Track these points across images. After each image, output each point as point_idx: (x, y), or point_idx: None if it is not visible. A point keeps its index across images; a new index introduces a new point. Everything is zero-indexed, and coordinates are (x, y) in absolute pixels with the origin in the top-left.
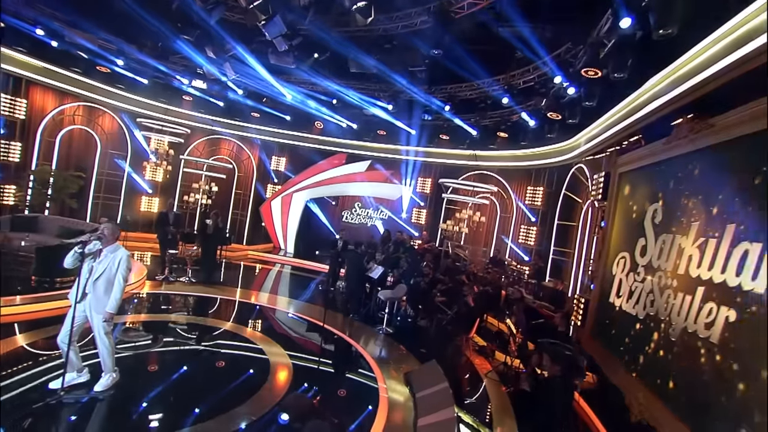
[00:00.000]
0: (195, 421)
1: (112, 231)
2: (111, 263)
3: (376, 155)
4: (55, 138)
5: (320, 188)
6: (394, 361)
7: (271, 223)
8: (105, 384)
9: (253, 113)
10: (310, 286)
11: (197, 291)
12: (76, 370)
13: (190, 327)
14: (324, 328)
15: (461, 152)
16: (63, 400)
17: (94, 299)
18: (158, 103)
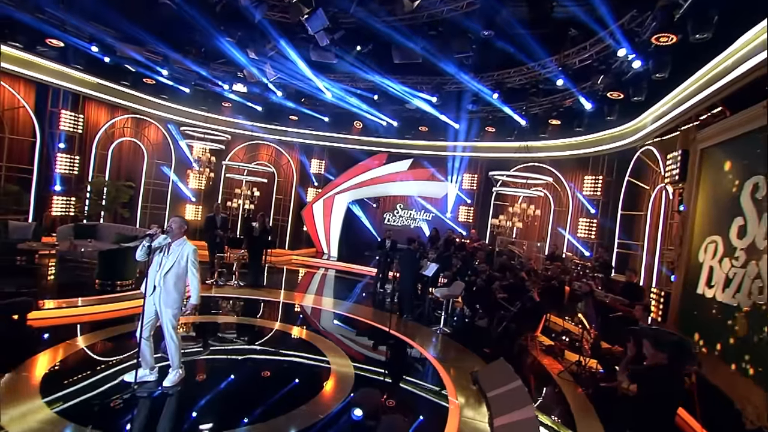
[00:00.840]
0: (259, 419)
1: (179, 225)
2: (179, 257)
3: (418, 153)
4: (108, 150)
5: (362, 189)
6: (457, 360)
7: (313, 227)
8: (172, 380)
9: (292, 116)
10: (359, 288)
11: (248, 294)
12: (148, 367)
13: (246, 329)
14: (379, 328)
15: (509, 144)
16: (136, 394)
17: (164, 293)
18: (200, 111)
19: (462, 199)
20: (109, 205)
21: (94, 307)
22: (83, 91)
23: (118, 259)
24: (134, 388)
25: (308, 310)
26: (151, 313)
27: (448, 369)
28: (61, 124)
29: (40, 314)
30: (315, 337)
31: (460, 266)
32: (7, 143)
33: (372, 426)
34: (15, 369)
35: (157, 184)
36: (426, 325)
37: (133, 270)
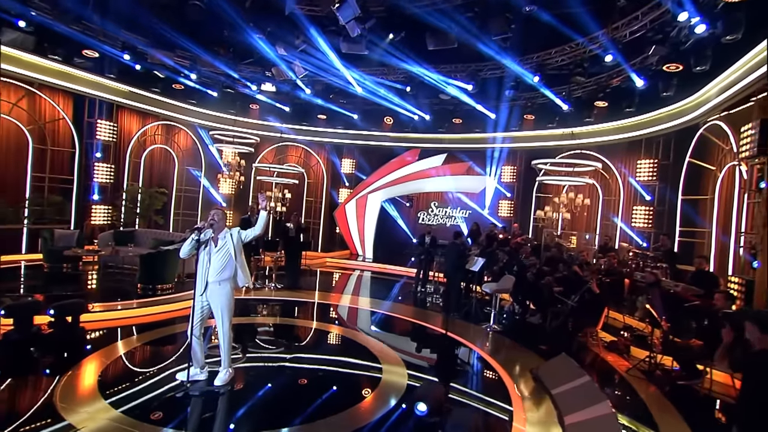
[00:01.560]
0: (311, 419)
1: (222, 217)
2: (227, 247)
3: (453, 146)
4: (140, 158)
5: (396, 187)
6: (513, 358)
7: (346, 229)
8: (223, 379)
9: (320, 115)
10: (399, 288)
11: (287, 296)
12: (199, 366)
13: (290, 330)
14: (426, 327)
15: (551, 132)
16: (189, 392)
17: (217, 288)
18: (228, 115)
19: (501, 193)
20: (143, 213)
21: (138, 310)
22: (116, 99)
23: (158, 262)
24: (187, 387)
25: (351, 311)
26: (201, 311)
27: (506, 366)
28: (98, 134)
29: (89, 317)
30: (362, 337)
31: (506, 261)
32: (49, 155)
33: (437, 423)
34: (73, 369)
35: (188, 191)
36: (474, 323)
37: (173, 274)
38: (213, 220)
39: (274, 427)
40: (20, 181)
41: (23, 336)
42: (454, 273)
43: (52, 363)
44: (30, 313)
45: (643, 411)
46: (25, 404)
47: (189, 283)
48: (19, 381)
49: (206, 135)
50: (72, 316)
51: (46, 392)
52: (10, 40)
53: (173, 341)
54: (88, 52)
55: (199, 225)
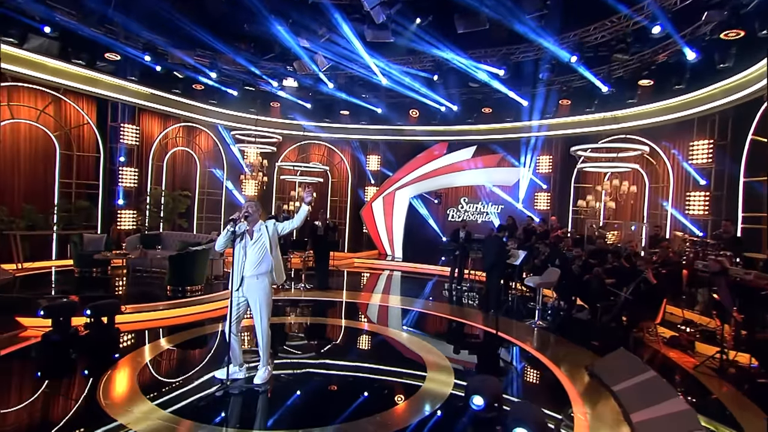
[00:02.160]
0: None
1: (256, 208)
2: (263, 240)
3: (483, 138)
4: (163, 161)
5: (424, 182)
6: (564, 355)
7: (374, 228)
8: (263, 377)
9: (343, 111)
10: (434, 286)
11: (318, 296)
12: (237, 364)
13: (329, 330)
14: (468, 324)
15: (589, 117)
16: (229, 391)
17: (254, 282)
18: (248, 114)
19: (537, 184)
20: (167, 216)
21: (169, 312)
22: (138, 102)
23: (187, 263)
24: (227, 385)
25: (386, 310)
26: (239, 308)
27: (557, 363)
28: (122, 138)
29: (122, 318)
30: (402, 336)
31: (547, 254)
32: (75, 160)
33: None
34: (112, 369)
35: (210, 193)
36: (517, 319)
37: (202, 275)
38: (247, 212)
39: (318, 424)
40: (49, 187)
41: (62, 337)
42: (495, 268)
43: (92, 363)
44: (68, 313)
45: (720, 410)
46: (72, 405)
47: (218, 284)
48: (62, 381)
49: (228, 135)
50: (107, 316)
51: (89, 392)
52: (36, 46)
53: (207, 341)
54: (110, 55)
55: (234, 216)
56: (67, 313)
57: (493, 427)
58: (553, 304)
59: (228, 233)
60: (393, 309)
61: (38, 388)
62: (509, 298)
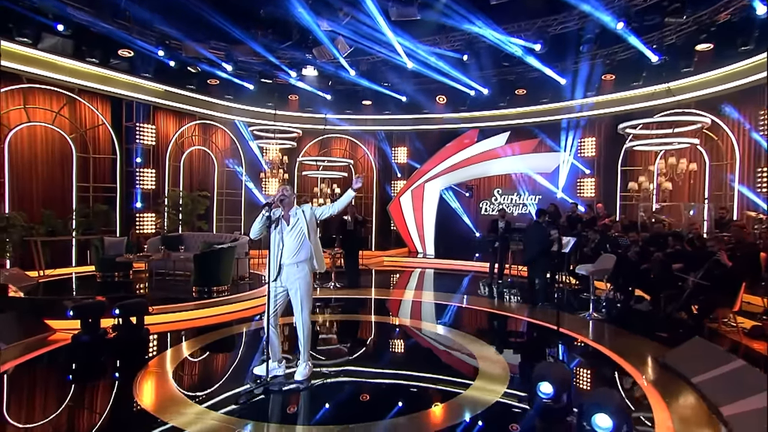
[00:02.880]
0: (405, 412)
1: (291, 192)
2: (301, 225)
3: (517, 122)
4: (179, 162)
5: (455, 173)
6: (629, 347)
7: (402, 224)
8: (303, 373)
9: (365, 101)
10: (473, 282)
11: (353, 294)
12: (276, 359)
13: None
14: (518, 318)
15: (637, 93)
16: (270, 388)
17: (294, 270)
18: (266, 109)
19: (579, 169)
20: (187, 218)
21: (196, 312)
22: (153, 100)
23: (212, 263)
24: (267, 382)
25: (427, 306)
26: (277, 299)
27: (623, 355)
28: (137, 138)
29: (149, 319)
30: (448, 332)
31: (598, 240)
32: (92, 163)
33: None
34: (147, 370)
35: (229, 194)
36: (568, 312)
37: (228, 275)
38: (283, 196)
39: (365, 420)
40: (66, 191)
41: (92, 338)
42: (539, 258)
43: (125, 364)
44: (97, 313)
45: None
46: (114, 408)
47: (244, 285)
48: (98, 383)
49: (246, 129)
50: (136, 316)
51: (127, 394)
52: (50, 45)
53: (239, 341)
54: (124, 52)
55: (269, 200)
56: (96, 314)
57: (562, 418)
58: (607, 296)
59: (263, 219)
60: (433, 305)
61: (75, 391)
62: (555, 291)
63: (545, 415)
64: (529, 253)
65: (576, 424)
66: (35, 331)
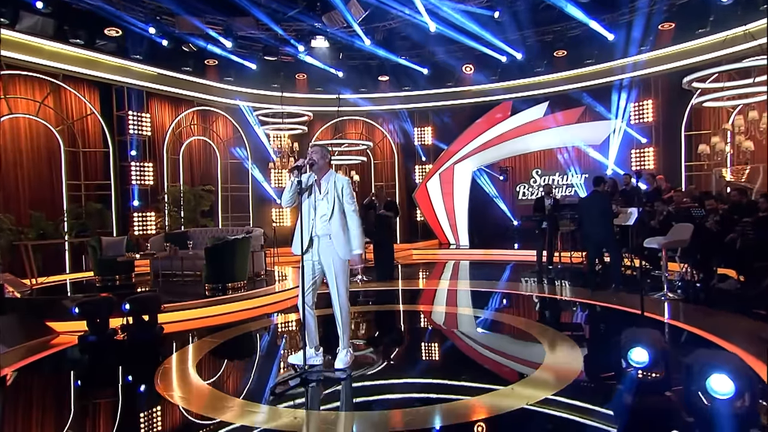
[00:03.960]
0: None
1: (322, 155)
2: (335, 193)
3: (557, 90)
4: (178, 154)
5: (488, 152)
6: (725, 326)
7: (431, 212)
8: (345, 360)
9: (382, 77)
10: (520, 271)
11: (393, 286)
12: (313, 345)
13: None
14: (594, 304)
15: (703, 42)
16: (307, 377)
17: (328, 242)
18: (271, 92)
19: (633, 138)
20: (190, 216)
21: (212, 309)
22: (145, 85)
23: (227, 256)
24: (304, 371)
25: (480, 295)
26: (311, 275)
27: (723, 336)
28: (130, 128)
29: (161, 318)
30: (512, 318)
31: (667, 213)
32: (82, 158)
33: None
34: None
35: (234, 189)
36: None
37: (243, 270)
38: (312, 160)
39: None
40: (56, 191)
41: (100, 338)
42: (606, 232)
43: (142, 364)
44: (105, 311)
45: None
46: (152, 410)
47: (260, 281)
48: (118, 386)
49: (251, 114)
50: (149, 314)
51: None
52: (29, 26)
53: (265, 335)
54: (111, 31)
55: (299, 163)
56: (105, 311)
57: (660, 390)
58: (682, 276)
59: (293, 185)
60: (487, 294)
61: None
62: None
63: (639, 389)
64: (589, 229)
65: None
66: (36, 333)
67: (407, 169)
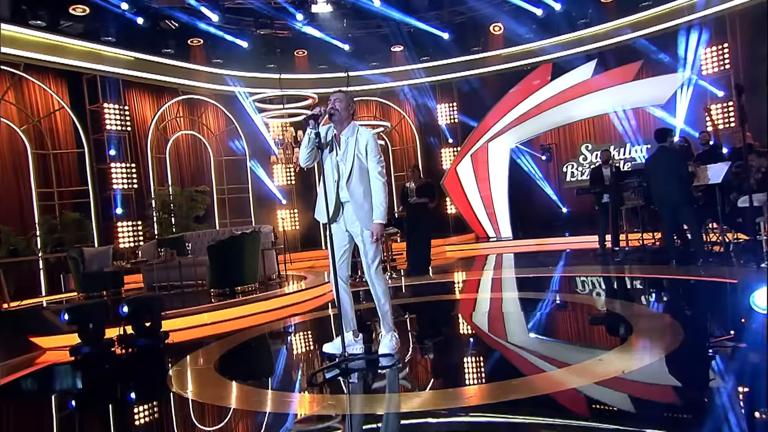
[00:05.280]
0: None
1: (347, 104)
2: (357, 150)
3: (605, 44)
4: (164, 152)
5: (526, 124)
6: None
7: (464, 201)
8: (391, 346)
9: (395, 47)
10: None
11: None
12: (351, 329)
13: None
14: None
15: None
16: (349, 366)
17: (355, 208)
18: (268, 74)
19: (705, 92)
20: (182, 222)
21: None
22: (120, 72)
23: (233, 254)
24: (345, 357)
25: (542, 281)
26: (342, 244)
27: None
28: (106, 124)
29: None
30: (584, 298)
31: (767, 168)
32: (52, 161)
33: None
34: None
35: (232, 190)
36: (727, 264)
37: (254, 270)
38: (334, 108)
39: None
40: (25, 201)
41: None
42: (676, 190)
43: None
44: (100, 315)
45: None
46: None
47: (274, 284)
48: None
49: (247, 100)
50: (151, 319)
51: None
52: None
53: (286, 335)
54: (77, 9)
55: (316, 111)
56: (99, 316)
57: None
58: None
59: (311, 139)
60: (547, 279)
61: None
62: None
63: None
64: (660, 191)
65: None
66: (18, 350)
67: (432, 153)
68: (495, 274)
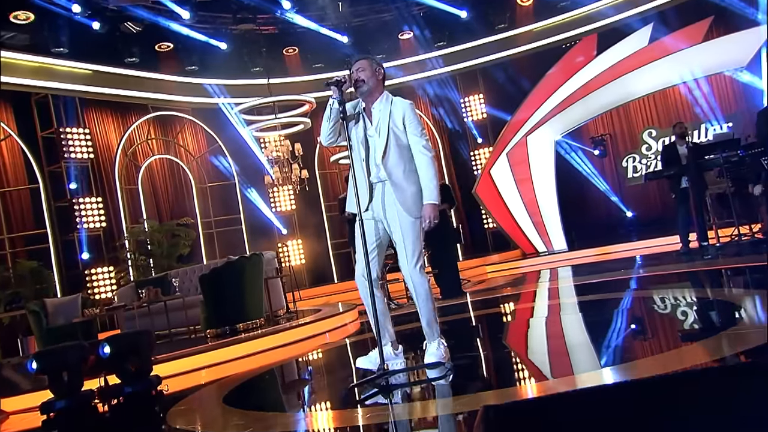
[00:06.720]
0: None
1: (373, 71)
2: (392, 123)
3: (662, 3)
4: (136, 182)
5: (571, 110)
6: None
7: (503, 210)
8: (438, 355)
9: (403, 34)
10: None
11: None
12: (390, 340)
13: None
14: None
15: None
16: (390, 382)
17: (392, 191)
18: (253, 80)
19: None
20: (163, 263)
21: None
22: (77, 89)
23: (232, 283)
24: (385, 370)
25: (622, 282)
26: (378, 238)
27: None
28: (64, 152)
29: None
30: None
31: None
32: (1, 202)
33: None
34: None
35: (221, 222)
36: None
37: (258, 304)
38: (359, 80)
39: None
40: None
41: (73, 401)
42: None
43: None
44: (75, 359)
45: None
46: None
47: (282, 321)
48: None
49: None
50: (138, 361)
51: None
52: None
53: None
54: (19, 17)
55: (339, 77)
56: (75, 361)
57: None
58: None
59: (334, 110)
60: (625, 280)
61: None
62: None
63: None
64: None
65: None
66: None
67: (460, 157)
68: (567, 282)
